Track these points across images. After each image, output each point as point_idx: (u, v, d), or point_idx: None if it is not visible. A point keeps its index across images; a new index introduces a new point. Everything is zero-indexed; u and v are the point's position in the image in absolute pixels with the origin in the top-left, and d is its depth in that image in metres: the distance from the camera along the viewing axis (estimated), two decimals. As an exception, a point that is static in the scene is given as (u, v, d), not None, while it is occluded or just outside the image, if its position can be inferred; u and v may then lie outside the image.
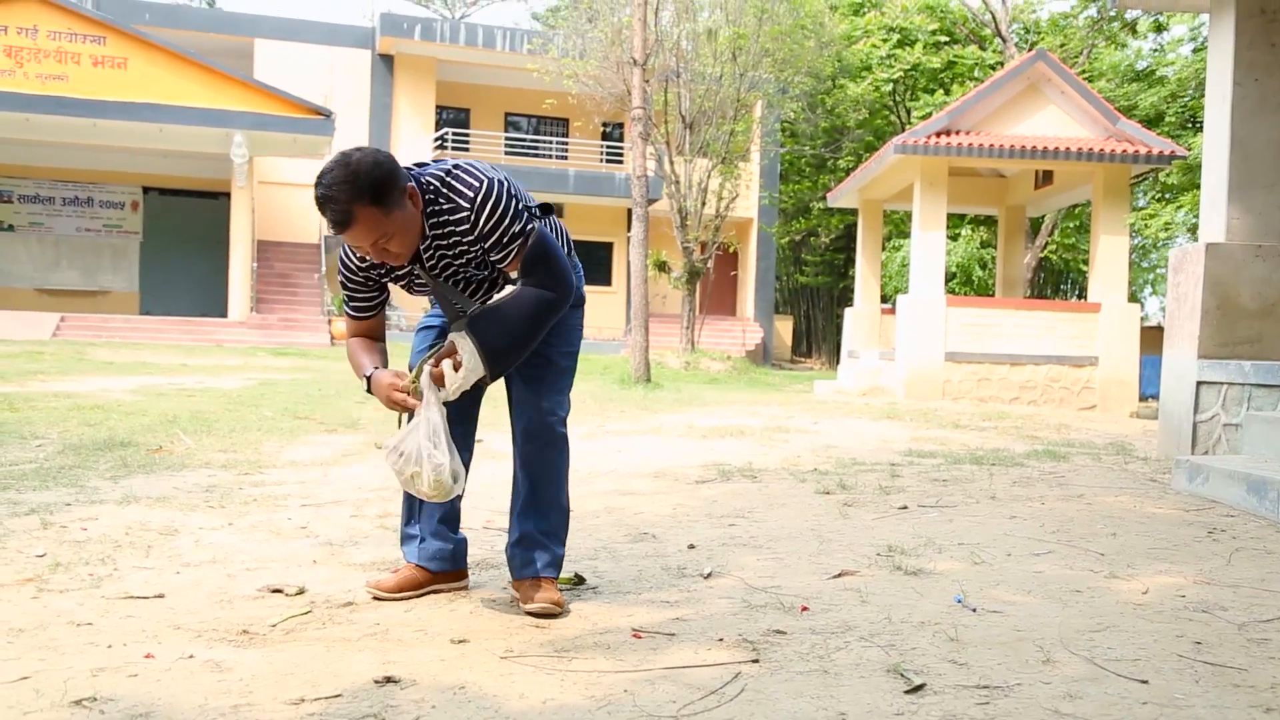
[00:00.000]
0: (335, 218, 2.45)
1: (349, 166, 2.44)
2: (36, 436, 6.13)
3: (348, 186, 2.42)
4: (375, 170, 2.45)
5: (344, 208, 2.43)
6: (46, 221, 24.72)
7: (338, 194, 2.42)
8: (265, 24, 25.64)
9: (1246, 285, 6.39)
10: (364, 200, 2.43)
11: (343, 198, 2.42)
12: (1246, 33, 6.46)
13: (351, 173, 2.43)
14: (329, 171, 2.45)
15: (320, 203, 2.46)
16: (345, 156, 2.47)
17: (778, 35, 21.58)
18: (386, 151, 2.55)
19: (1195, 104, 21.02)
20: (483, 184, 2.61)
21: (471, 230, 2.63)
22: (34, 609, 2.68)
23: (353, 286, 2.82)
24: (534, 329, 2.69)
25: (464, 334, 2.66)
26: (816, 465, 5.99)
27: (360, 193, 2.43)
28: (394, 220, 2.50)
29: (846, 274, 28.94)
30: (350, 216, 2.44)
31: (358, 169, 2.43)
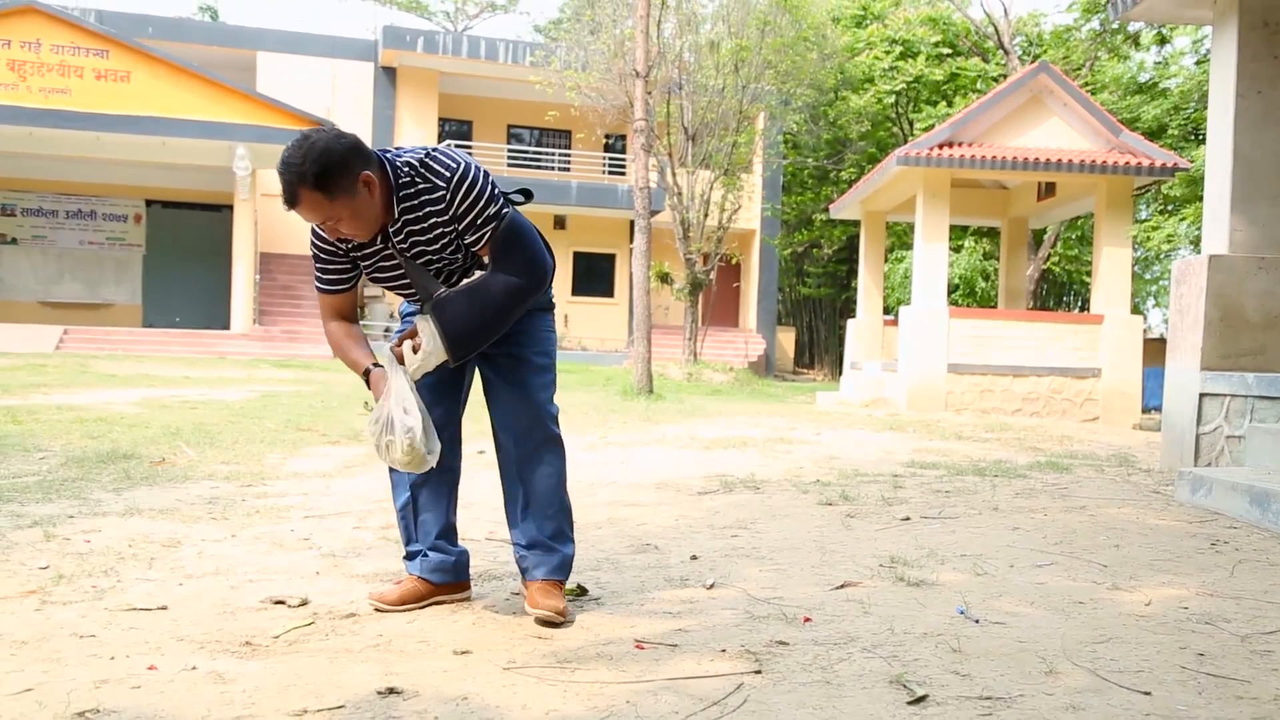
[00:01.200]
0: (284, 194, 2.54)
1: (303, 148, 2.50)
2: (40, 449, 6.13)
3: (296, 168, 2.49)
4: (325, 157, 2.50)
5: (290, 189, 2.51)
6: (49, 235, 24.77)
7: (286, 173, 2.50)
8: (268, 37, 25.71)
9: (1249, 297, 6.39)
10: (308, 184, 2.50)
11: (290, 178, 2.50)
12: (1249, 45, 6.47)
13: (302, 155, 2.49)
14: (288, 149, 2.53)
15: (279, 175, 2.53)
16: (305, 137, 2.54)
17: (780, 47, 21.65)
18: (351, 136, 2.60)
19: (1198, 116, 21.04)
20: (459, 165, 2.68)
21: (446, 210, 2.67)
22: (37, 621, 2.68)
23: (324, 257, 2.84)
24: (500, 315, 2.72)
25: (427, 316, 2.71)
26: (819, 476, 5.98)
27: (305, 176, 2.49)
28: (339, 205, 2.55)
29: (849, 285, 28.94)
30: (296, 197, 2.52)
31: (308, 152, 2.49)
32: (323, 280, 2.88)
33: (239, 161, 20.98)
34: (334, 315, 2.92)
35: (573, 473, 5.84)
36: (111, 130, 20.23)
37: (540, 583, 2.88)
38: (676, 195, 21.29)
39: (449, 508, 3.07)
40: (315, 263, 2.86)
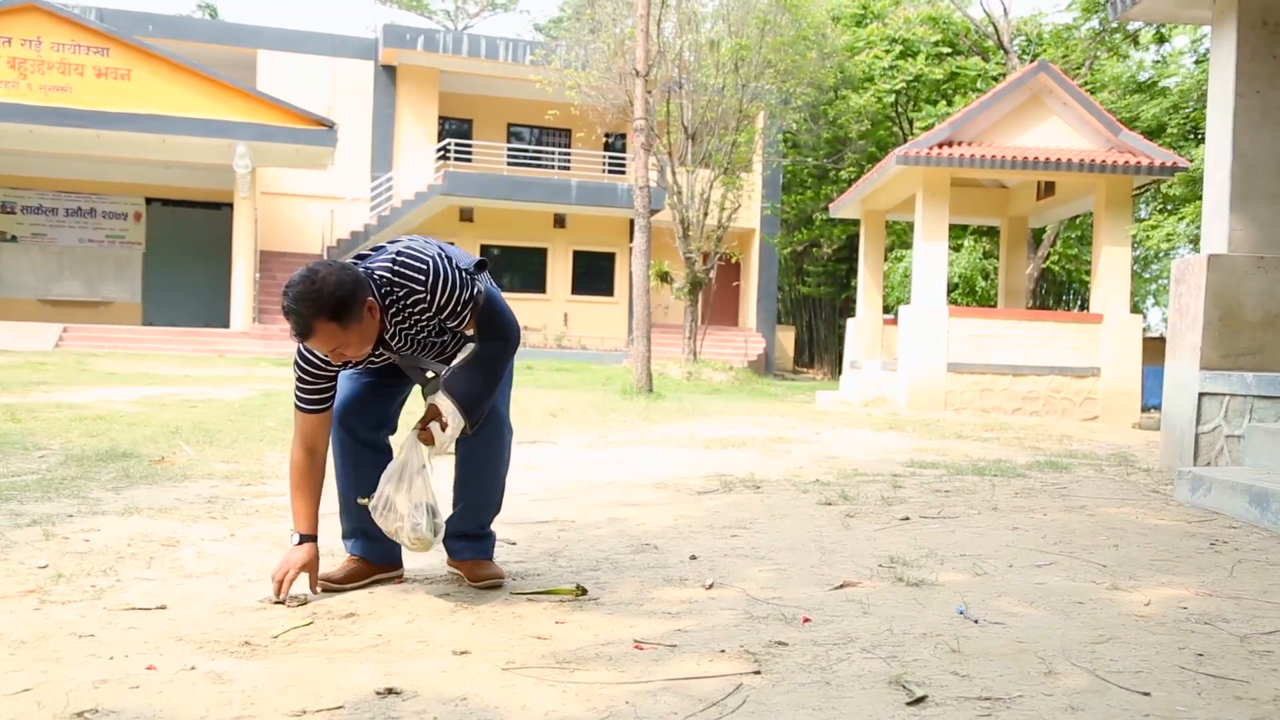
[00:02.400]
0: (297, 328, 2.65)
1: (314, 284, 2.61)
2: (39, 447, 6.13)
3: (310, 303, 2.61)
4: (338, 290, 2.62)
5: (305, 322, 2.63)
6: (49, 232, 24.78)
7: (301, 309, 2.61)
8: (268, 35, 25.71)
9: (1249, 297, 6.39)
10: (324, 317, 2.62)
11: (306, 313, 2.61)
12: (1248, 45, 6.47)
13: (315, 290, 2.60)
14: (295, 285, 2.62)
15: (285, 312, 2.65)
16: (312, 273, 2.64)
17: (780, 46, 21.65)
18: (350, 268, 2.71)
19: (1197, 115, 21.04)
20: (429, 265, 2.80)
21: (430, 308, 2.84)
22: (36, 620, 2.68)
23: (310, 379, 2.94)
24: (496, 376, 2.99)
25: (442, 395, 2.92)
26: (818, 476, 5.98)
27: (321, 309, 2.61)
28: (351, 333, 2.69)
29: (849, 284, 28.96)
30: (311, 330, 2.64)
31: (321, 288, 2.61)
32: (307, 399, 2.96)
33: (239, 160, 20.99)
34: (307, 443, 2.99)
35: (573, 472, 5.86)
36: (112, 128, 20.24)
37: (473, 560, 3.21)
38: (676, 194, 21.30)
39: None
40: (301, 384, 2.94)
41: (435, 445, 2.91)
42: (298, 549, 2.97)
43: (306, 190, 25.50)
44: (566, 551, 3.71)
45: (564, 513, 4.54)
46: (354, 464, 3.15)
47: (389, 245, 2.91)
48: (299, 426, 2.99)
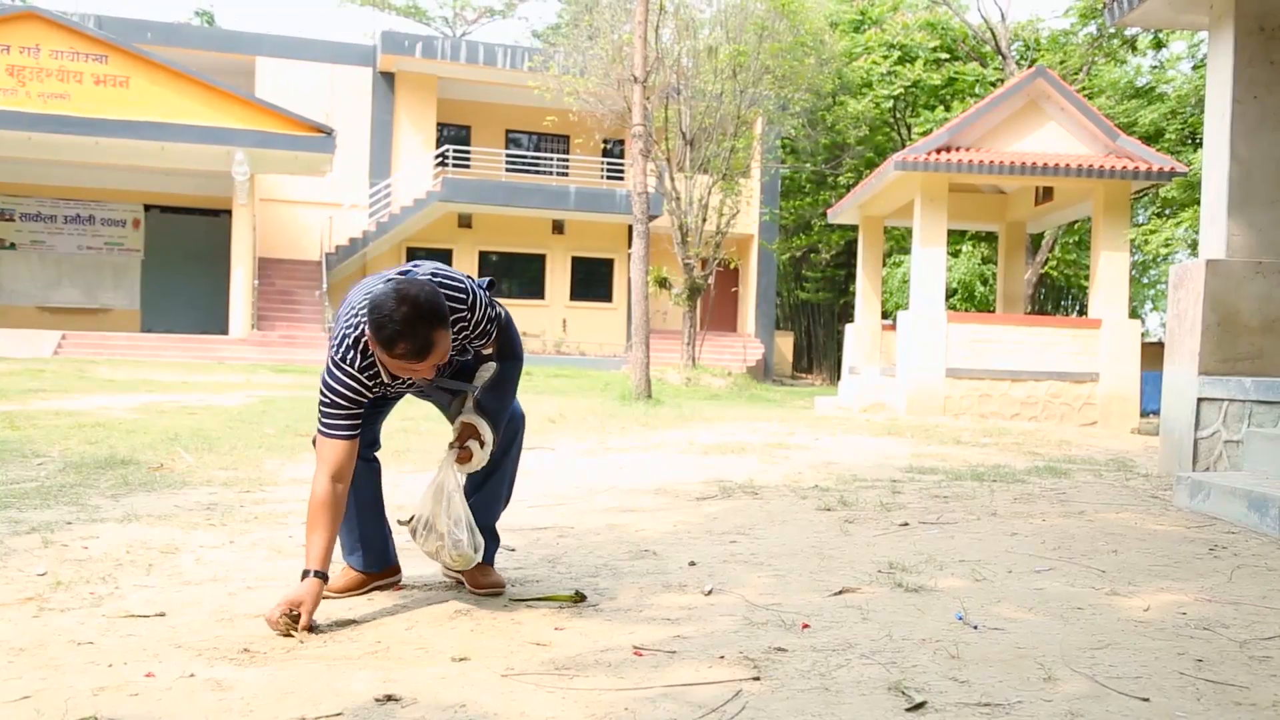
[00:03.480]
0: (416, 348, 2.61)
1: (414, 301, 2.59)
2: (38, 455, 6.13)
3: (424, 321, 2.60)
4: (435, 299, 2.64)
5: (425, 337, 2.61)
6: (48, 239, 24.78)
7: (419, 328, 2.59)
8: (266, 42, 25.73)
9: (1247, 302, 6.39)
10: (439, 327, 2.64)
11: (424, 330, 2.60)
12: (1246, 50, 6.48)
13: (420, 308, 2.60)
14: (394, 310, 2.58)
15: (396, 339, 2.59)
16: (401, 293, 2.60)
17: (778, 52, 21.68)
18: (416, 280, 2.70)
19: (1195, 120, 21.08)
20: (465, 285, 2.88)
21: (469, 326, 2.90)
22: (35, 628, 2.68)
23: (348, 404, 2.84)
24: (514, 392, 3.15)
25: (475, 414, 3.04)
26: (817, 482, 5.98)
27: (435, 321, 2.63)
28: (447, 340, 2.70)
29: (847, 290, 28.99)
30: (431, 344, 2.63)
31: (423, 303, 2.61)
32: (343, 426, 2.84)
33: (238, 166, 20.99)
34: (334, 473, 2.85)
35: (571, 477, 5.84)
36: (110, 135, 20.24)
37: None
38: (675, 200, 21.31)
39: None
40: (337, 410, 2.83)
41: (472, 463, 3.00)
42: (310, 584, 2.77)
43: (305, 197, 25.51)
44: (565, 558, 3.71)
45: (563, 519, 4.54)
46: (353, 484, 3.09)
47: (413, 270, 2.88)
48: (327, 457, 2.85)
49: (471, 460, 2.99)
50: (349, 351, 2.81)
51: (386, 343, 2.61)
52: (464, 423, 3.02)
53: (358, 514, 3.16)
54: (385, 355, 2.67)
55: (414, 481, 5.71)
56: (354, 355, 2.80)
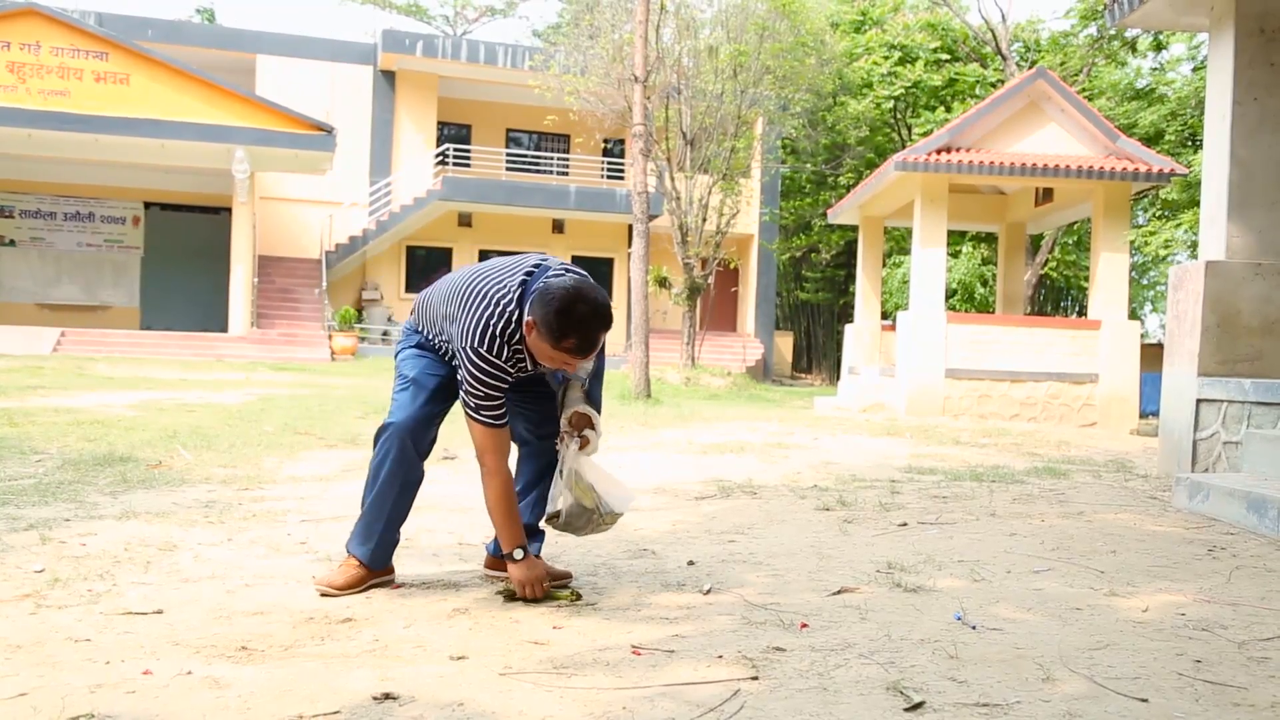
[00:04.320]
0: (586, 345, 2.84)
1: (594, 303, 2.82)
2: (36, 452, 6.13)
3: (604, 319, 2.85)
4: (609, 303, 2.90)
5: (596, 337, 2.85)
6: (48, 237, 24.77)
7: (593, 327, 2.82)
8: (267, 40, 25.72)
9: (1246, 303, 6.39)
10: (607, 328, 2.89)
11: (597, 329, 2.83)
12: (1246, 52, 6.48)
13: (598, 309, 2.83)
14: (583, 300, 2.79)
15: (569, 333, 2.79)
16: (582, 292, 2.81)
17: (779, 52, 21.66)
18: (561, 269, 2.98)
19: (1195, 122, 21.08)
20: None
21: None
22: (32, 625, 2.67)
23: (499, 393, 2.99)
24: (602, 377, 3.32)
25: (584, 404, 3.17)
26: (816, 482, 5.98)
27: (608, 323, 2.88)
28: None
29: (847, 290, 28.98)
30: (598, 343, 2.88)
31: (600, 303, 2.84)
32: (498, 413, 3.01)
33: (238, 164, 20.98)
34: (506, 457, 3.07)
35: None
36: (110, 132, 20.22)
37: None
38: (675, 200, 21.31)
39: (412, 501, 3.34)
40: (494, 400, 2.98)
41: (589, 448, 3.16)
42: (535, 562, 3.10)
43: (305, 195, 25.50)
44: (564, 556, 3.70)
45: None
46: (404, 482, 3.19)
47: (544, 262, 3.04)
48: (497, 445, 3.02)
49: (589, 445, 3.15)
50: (494, 342, 2.91)
51: (558, 335, 2.79)
52: (577, 413, 3.15)
53: (394, 507, 3.20)
54: (550, 345, 2.83)
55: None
56: (499, 345, 2.91)
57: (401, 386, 3.22)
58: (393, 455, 3.14)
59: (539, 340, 2.85)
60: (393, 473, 3.15)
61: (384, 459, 3.15)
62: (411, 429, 3.15)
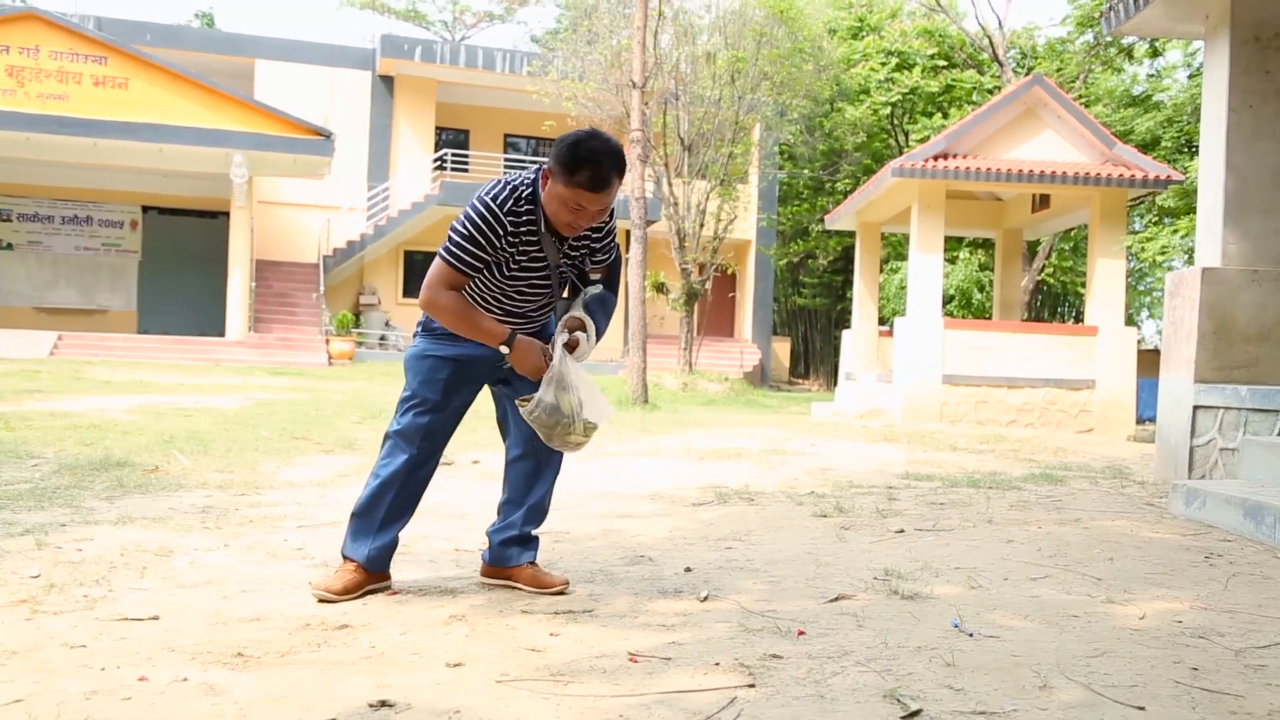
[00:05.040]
0: (597, 178, 2.83)
1: (606, 139, 2.86)
2: (32, 456, 6.11)
3: (616, 157, 2.86)
4: (623, 152, 2.91)
5: (608, 175, 2.84)
6: (45, 240, 24.74)
7: (606, 160, 2.83)
8: (266, 45, 25.72)
9: (1242, 310, 6.40)
10: (618, 173, 2.87)
11: (609, 164, 2.84)
12: (1241, 60, 6.50)
13: (610, 144, 2.86)
14: (596, 137, 2.85)
15: (587, 161, 2.81)
16: (595, 132, 2.88)
17: (776, 59, 21.69)
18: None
19: (1191, 129, 21.13)
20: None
21: (598, 238, 3.13)
22: (28, 631, 2.67)
23: (481, 242, 2.96)
24: (608, 324, 3.21)
25: (582, 311, 3.12)
26: (814, 488, 5.98)
27: (618, 166, 2.87)
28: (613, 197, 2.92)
29: (844, 296, 28.99)
30: (608, 182, 2.85)
31: (612, 142, 2.88)
32: (463, 259, 2.98)
33: (236, 169, 20.97)
34: (451, 287, 3.03)
35: (567, 483, 5.84)
36: (109, 136, 20.21)
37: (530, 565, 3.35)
38: (673, 205, 21.32)
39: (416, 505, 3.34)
40: (466, 240, 2.96)
41: (577, 353, 3.08)
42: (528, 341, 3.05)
43: (303, 200, 25.49)
44: (561, 563, 3.70)
45: (558, 524, 4.53)
46: (415, 485, 3.22)
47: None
48: (449, 280, 2.99)
49: (579, 349, 3.08)
50: (503, 192, 2.95)
51: (571, 166, 2.82)
52: (573, 316, 3.11)
53: (394, 505, 3.19)
54: (564, 184, 2.85)
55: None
56: (505, 196, 2.94)
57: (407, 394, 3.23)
58: (413, 461, 3.17)
59: (554, 186, 2.88)
60: (407, 473, 3.18)
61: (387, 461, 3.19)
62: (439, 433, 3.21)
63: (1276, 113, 6.51)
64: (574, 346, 3.09)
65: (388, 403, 11.59)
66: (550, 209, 2.93)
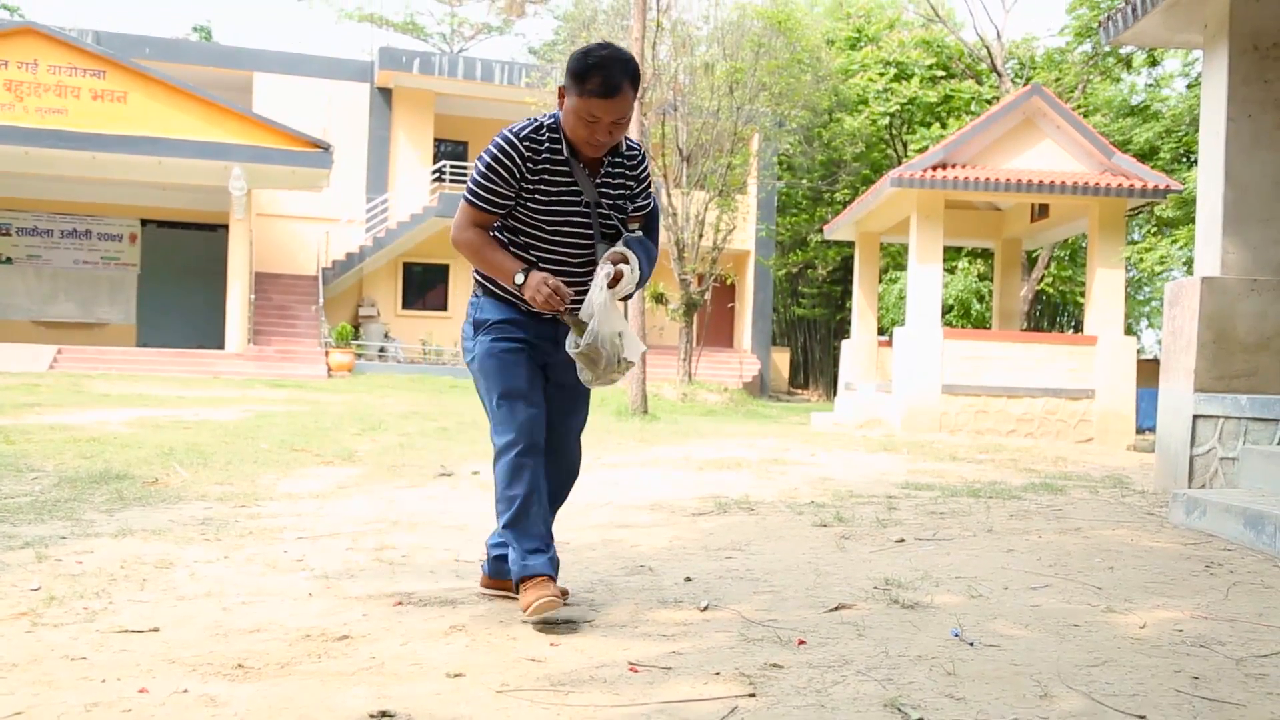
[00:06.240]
0: (605, 85, 2.83)
1: (615, 48, 2.88)
2: (32, 469, 6.11)
3: (623, 63, 2.85)
4: (635, 62, 2.91)
5: (618, 79, 2.84)
6: (44, 254, 24.76)
7: (614, 67, 2.83)
8: (264, 58, 25.78)
9: (1242, 319, 6.41)
10: (628, 80, 2.86)
11: (618, 70, 2.84)
12: (1240, 69, 6.52)
13: (625, 55, 2.87)
14: (605, 46, 2.89)
15: (596, 67, 2.82)
16: (607, 44, 2.90)
17: (775, 69, 21.75)
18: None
19: (1190, 139, 21.17)
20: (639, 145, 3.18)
21: (635, 177, 3.12)
22: (28, 643, 2.67)
23: (503, 175, 2.95)
24: (648, 276, 3.13)
25: (625, 247, 3.03)
26: (813, 498, 5.98)
27: (628, 72, 2.85)
28: (630, 106, 2.90)
29: (843, 306, 29.00)
30: (619, 88, 2.84)
31: (628, 56, 2.88)
32: (483, 195, 2.98)
33: (235, 181, 20.99)
34: (475, 225, 3.03)
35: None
36: (108, 150, 20.24)
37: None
38: (671, 216, 21.34)
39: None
40: (483, 176, 2.96)
41: (620, 286, 2.98)
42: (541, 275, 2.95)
43: (302, 212, 25.52)
44: (560, 573, 3.69)
45: (558, 534, 4.51)
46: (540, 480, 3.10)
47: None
48: (473, 218, 3.01)
49: (623, 280, 2.98)
50: (523, 124, 2.97)
51: (581, 75, 2.83)
52: (614, 250, 3.02)
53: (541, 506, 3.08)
54: (576, 95, 2.86)
55: (407, 495, 5.70)
56: (524, 126, 2.96)
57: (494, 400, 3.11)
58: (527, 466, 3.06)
59: (568, 102, 2.89)
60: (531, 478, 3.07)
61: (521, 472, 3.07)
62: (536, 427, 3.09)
63: (1275, 122, 6.53)
64: (618, 279, 2.99)
65: (387, 414, 11.59)
66: (569, 127, 2.93)
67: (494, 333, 3.11)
